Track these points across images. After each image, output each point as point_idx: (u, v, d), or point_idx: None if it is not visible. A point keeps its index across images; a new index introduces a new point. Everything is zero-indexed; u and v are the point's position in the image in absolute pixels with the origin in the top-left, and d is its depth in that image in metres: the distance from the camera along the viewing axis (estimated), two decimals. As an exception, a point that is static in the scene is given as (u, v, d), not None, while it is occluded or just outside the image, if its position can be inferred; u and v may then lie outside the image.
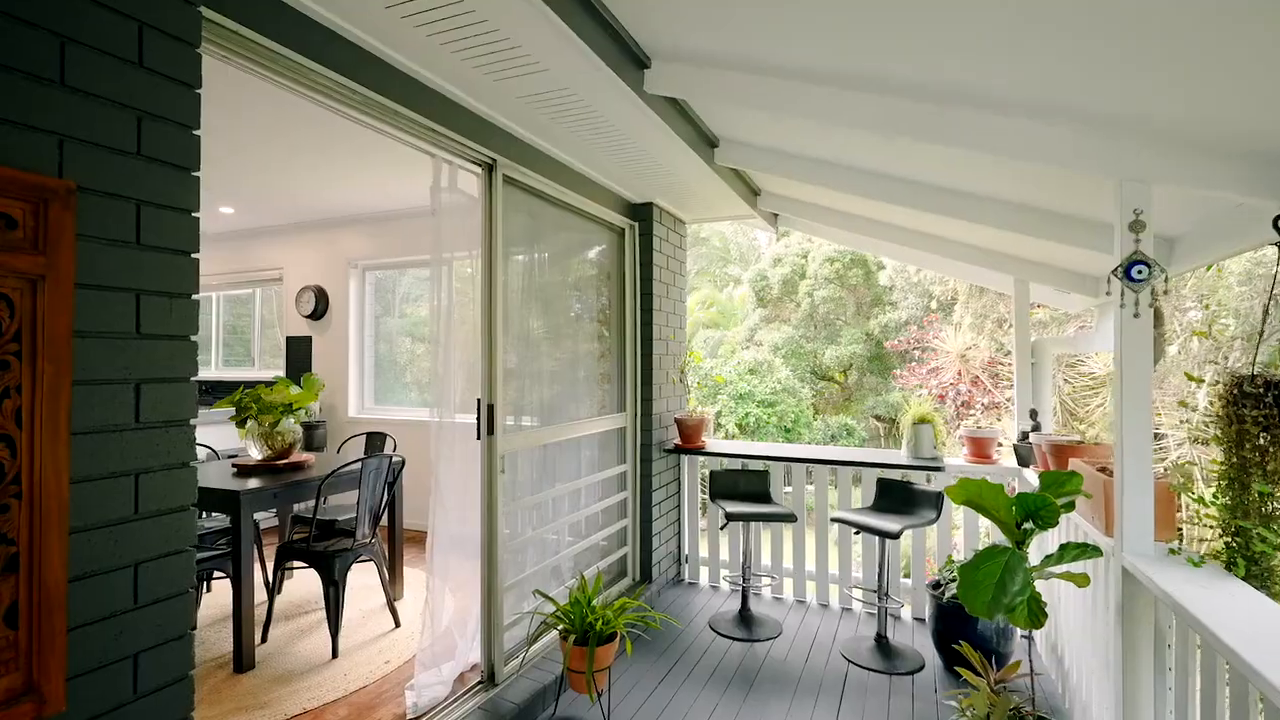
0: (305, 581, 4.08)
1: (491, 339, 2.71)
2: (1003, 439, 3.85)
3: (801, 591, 4.07)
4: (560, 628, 2.67)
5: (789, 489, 4.11)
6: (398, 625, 3.45)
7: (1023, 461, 3.47)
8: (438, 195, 2.64)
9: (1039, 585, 1.98)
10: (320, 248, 5.91)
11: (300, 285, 5.96)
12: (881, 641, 3.32)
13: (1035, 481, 3.17)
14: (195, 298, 1.45)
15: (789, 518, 3.53)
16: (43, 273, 1.16)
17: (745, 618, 3.66)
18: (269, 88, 1.91)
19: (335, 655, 3.07)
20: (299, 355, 6.00)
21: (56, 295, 1.18)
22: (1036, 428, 3.49)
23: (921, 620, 3.71)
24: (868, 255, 12.99)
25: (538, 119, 2.69)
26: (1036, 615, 1.86)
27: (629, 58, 2.33)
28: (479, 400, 2.72)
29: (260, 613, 3.33)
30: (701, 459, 4.45)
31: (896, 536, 3.11)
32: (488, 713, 2.52)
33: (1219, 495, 1.78)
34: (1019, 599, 1.80)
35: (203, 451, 4.14)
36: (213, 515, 3.69)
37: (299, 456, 3.61)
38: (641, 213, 4.03)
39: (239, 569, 2.92)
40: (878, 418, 12.98)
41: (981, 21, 1.62)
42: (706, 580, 4.36)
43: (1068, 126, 1.92)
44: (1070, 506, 1.91)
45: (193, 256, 1.45)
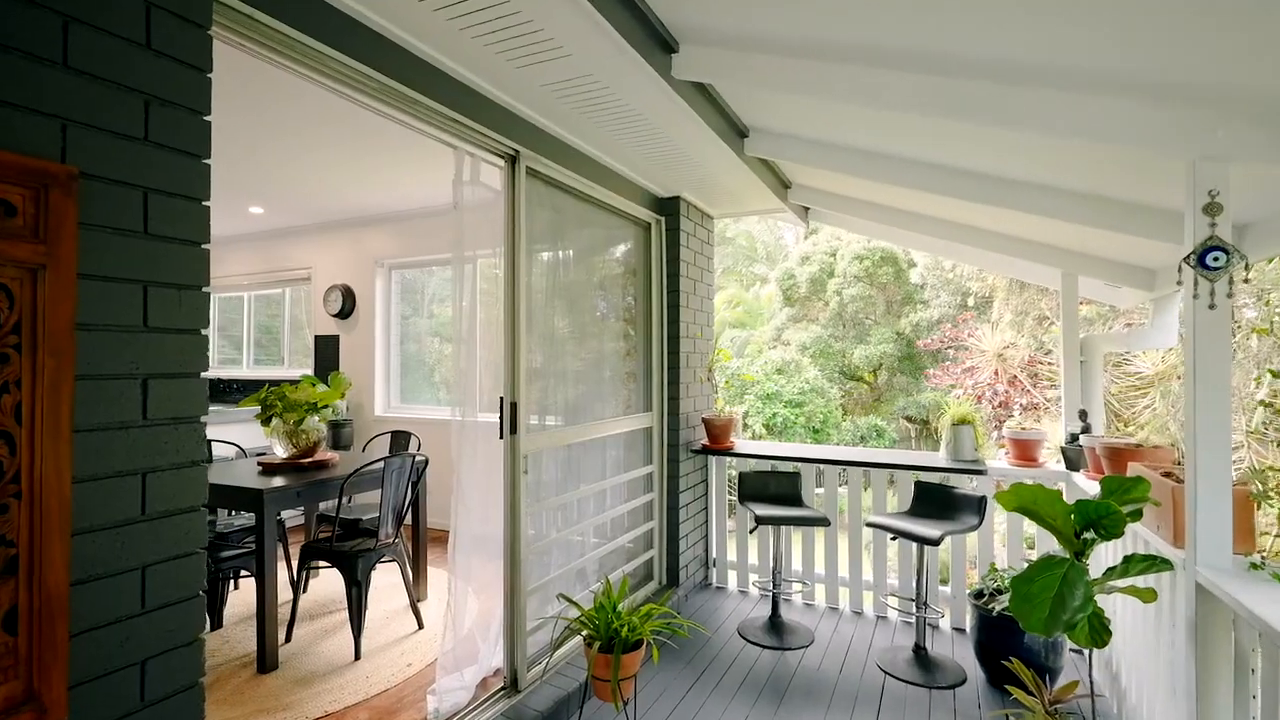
0: (331, 579, 4.06)
1: (514, 333, 2.64)
2: (1047, 442, 3.65)
3: (834, 598, 3.92)
4: (585, 633, 2.58)
5: (820, 490, 3.98)
6: (421, 627, 3.40)
7: (1071, 465, 3.28)
8: (459, 188, 2.57)
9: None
10: (347, 247, 5.93)
11: (328, 284, 5.99)
12: (920, 653, 3.17)
13: (1085, 486, 2.99)
14: (206, 290, 1.39)
15: (822, 521, 3.39)
16: (43, 262, 1.11)
17: (776, 625, 3.53)
18: (295, 85, 1.86)
19: (358, 657, 3.03)
20: (327, 354, 6.03)
21: (58, 286, 1.13)
22: (1086, 429, 3.30)
23: (961, 630, 3.54)
24: (898, 253, 12.68)
25: (561, 109, 2.61)
26: (1099, 633, 1.72)
27: (656, 41, 2.24)
28: (501, 398, 2.65)
29: (285, 612, 3.31)
30: (730, 460, 4.33)
31: (937, 543, 2.95)
32: (510, 720, 2.45)
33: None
34: (1080, 615, 1.66)
35: (230, 449, 4.16)
36: (240, 513, 3.70)
37: (324, 455, 3.59)
38: (668, 207, 3.93)
39: (262, 568, 2.89)
40: (909, 419, 12.66)
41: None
42: (735, 585, 4.24)
43: (1134, 100, 1.76)
44: (1137, 515, 1.76)
45: (203, 247, 1.39)
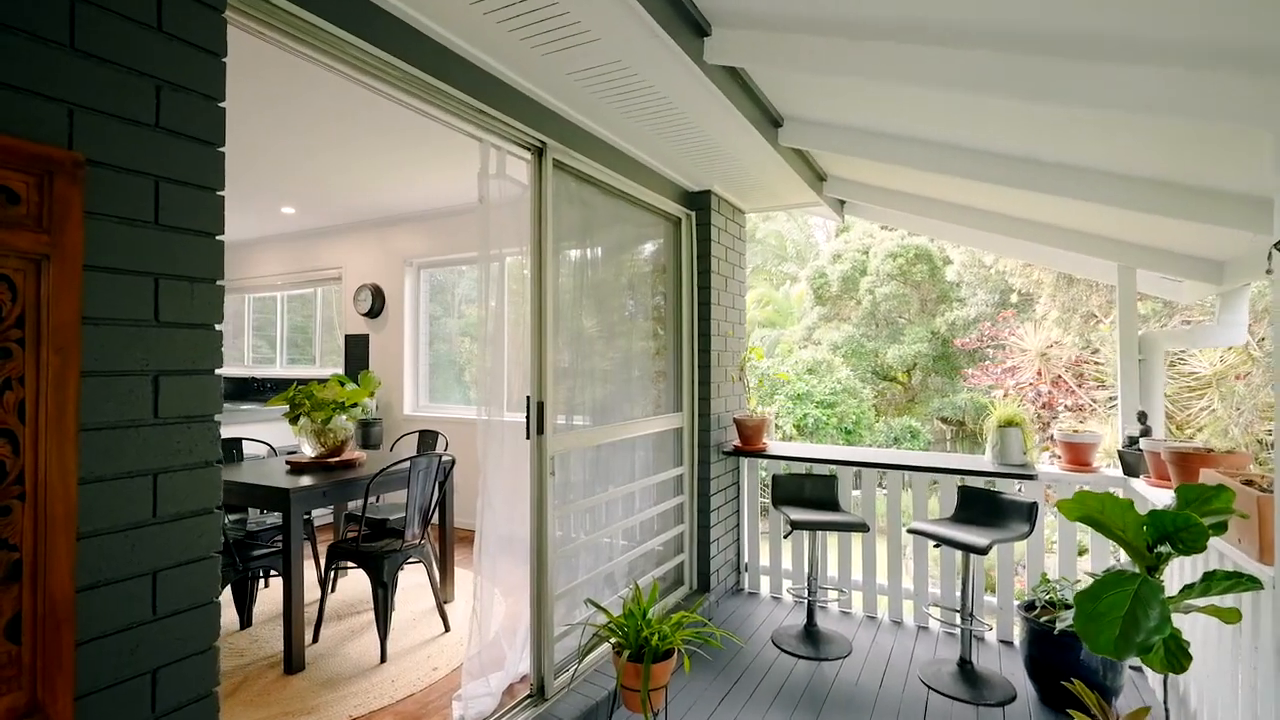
0: (360, 579, 4.05)
1: (541, 330, 2.57)
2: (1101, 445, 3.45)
3: (872, 606, 3.77)
4: (613, 641, 2.49)
5: (856, 494, 3.82)
6: (447, 629, 3.35)
7: (1130, 471, 3.08)
8: (485, 181, 2.50)
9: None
10: (376, 246, 5.95)
11: (358, 284, 6.02)
12: (965, 666, 3.00)
13: (1147, 494, 2.79)
14: (220, 283, 1.34)
15: (860, 527, 3.25)
16: (47, 252, 1.06)
17: (811, 633, 3.39)
18: (324, 80, 1.81)
19: (384, 659, 2.99)
20: (357, 353, 6.06)
21: (63, 277, 1.08)
22: (1146, 432, 3.09)
23: (1008, 643, 3.36)
24: (933, 250, 12.33)
25: (589, 98, 2.52)
26: (1177, 657, 1.56)
27: (688, 24, 2.13)
28: (528, 397, 2.58)
29: (312, 612, 3.29)
30: (763, 462, 4.20)
31: (984, 552, 2.79)
32: (536, 730, 2.37)
33: None
34: (1155, 637, 1.50)
35: (261, 448, 4.18)
36: (270, 512, 3.70)
37: (351, 454, 3.57)
38: (699, 201, 3.82)
39: (289, 568, 2.87)
40: (944, 420, 12.31)
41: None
42: (768, 591, 4.10)
43: (1207, 69, 1.60)
44: (1221, 528, 1.60)
45: (217, 239, 1.33)
